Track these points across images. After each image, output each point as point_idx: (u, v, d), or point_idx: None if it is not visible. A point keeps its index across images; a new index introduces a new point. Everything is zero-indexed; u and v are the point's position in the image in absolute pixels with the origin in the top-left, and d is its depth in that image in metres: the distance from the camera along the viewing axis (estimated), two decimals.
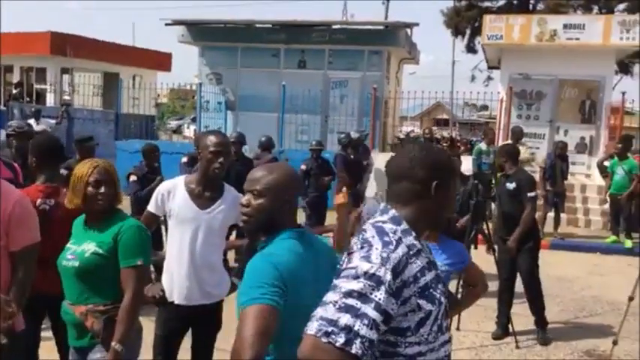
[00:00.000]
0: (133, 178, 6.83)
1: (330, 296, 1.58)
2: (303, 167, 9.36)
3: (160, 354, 3.31)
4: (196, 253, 3.25)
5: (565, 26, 12.90)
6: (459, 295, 4.02)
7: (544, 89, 13.67)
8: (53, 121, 13.88)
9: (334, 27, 15.47)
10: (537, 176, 10.24)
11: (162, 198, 3.34)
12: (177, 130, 32.58)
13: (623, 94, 13.04)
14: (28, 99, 19.21)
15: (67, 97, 18.39)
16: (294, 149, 12.90)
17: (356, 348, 1.51)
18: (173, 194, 3.33)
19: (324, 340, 1.51)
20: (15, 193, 2.80)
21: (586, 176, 13.03)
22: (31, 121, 11.98)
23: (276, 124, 13.64)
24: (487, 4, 27.35)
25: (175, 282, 3.25)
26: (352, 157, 10.33)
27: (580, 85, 13.50)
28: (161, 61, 21.81)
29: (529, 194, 5.58)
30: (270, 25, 15.47)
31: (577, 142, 13.41)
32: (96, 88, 18.48)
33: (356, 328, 1.52)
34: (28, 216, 2.74)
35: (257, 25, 15.71)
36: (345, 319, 1.52)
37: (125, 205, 3.22)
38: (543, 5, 24.99)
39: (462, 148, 17.67)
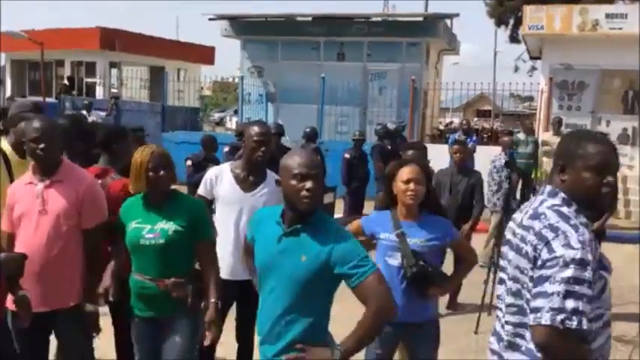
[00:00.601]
0: (188, 162, 7.34)
1: (550, 287, 1.85)
2: (347, 156, 9.57)
3: None
4: (241, 233, 3.55)
5: (607, 16, 12.76)
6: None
7: (586, 79, 13.54)
8: (103, 114, 14.47)
9: (373, 19, 15.64)
10: None
11: (210, 182, 3.66)
12: (220, 122, 32.91)
13: None
14: (77, 92, 20.00)
15: (115, 90, 19.10)
16: (333, 140, 13.15)
17: (584, 324, 1.83)
18: (220, 179, 3.65)
19: (560, 327, 1.81)
20: (87, 177, 3.16)
21: (628, 167, 12.88)
22: (84, 113, 12.61)
23: (315, 116, 13.92)
24: None
25: (223, 258, 3.54)
26: (389, 147, 10.50)
27: (623, 75, 13.31)
28: (205, 54, 22.36)
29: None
30: (310, 19, 15.74)
31: (619, 133, 13.24)
32: (143, 82, 19.09)
33: (580, 308, 1.81)
34: (98, 196, 3.11)
35: (297, 19, 15.99)
36: (571, 303, 1.81)
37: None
38: None
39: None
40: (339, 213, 9.58)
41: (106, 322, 3.41)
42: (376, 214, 3.29)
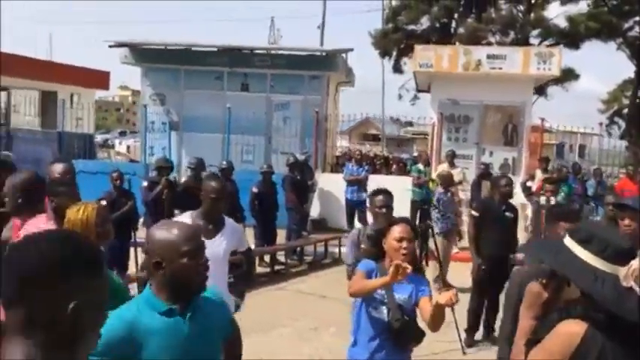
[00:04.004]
0: (103, 202, 7.19)
1: None
2: (255, 190, 9.86)
3: None
4: None
5: (488, 57, 14.09)
6: None
7: (470, 114, 14.78)
8: None
9: (274, 52, 16.13)
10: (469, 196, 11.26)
11: None
12: (105, 144, 31.91)
13: (542, 119, 14.49)
14: None
15: None
16: (240, 169, 13.38)
17: None
18: None
19: None
20: None
21: None
22: None
23: (220, 145, 14.10)
24: (412, 27, 28.96)
25: None
26: (299, 177, 10.98)
27: (503, 109, 14.69)
28: (100, 79, 21.63)
29: None
30: (215, 49, 15.92)
31: (501, 163, 14.55)
32: (34, 108, 18.22)
33: None
34: None
35: (198, 49, 16.09)
36: None
37: None
38: (463, 30, 26.70)
39: (395, 167, 18.57)
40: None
41: None
42: (366, 264, 3.32)
